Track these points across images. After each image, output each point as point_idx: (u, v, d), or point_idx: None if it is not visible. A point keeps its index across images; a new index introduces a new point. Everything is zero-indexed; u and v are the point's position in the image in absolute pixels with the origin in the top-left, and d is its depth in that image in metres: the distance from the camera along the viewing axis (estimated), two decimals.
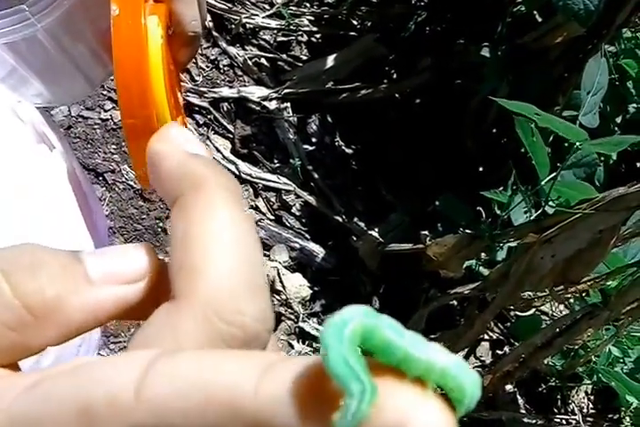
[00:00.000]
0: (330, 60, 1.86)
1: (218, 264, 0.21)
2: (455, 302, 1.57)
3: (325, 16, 1.94)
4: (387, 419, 0.17)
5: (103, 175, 1.51)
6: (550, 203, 1.17)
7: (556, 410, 1.52)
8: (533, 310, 1.53)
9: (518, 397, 1.51)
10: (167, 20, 0.55)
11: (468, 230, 1.28)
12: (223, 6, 1.86)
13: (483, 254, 1.46)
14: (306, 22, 1.94)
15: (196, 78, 1.73)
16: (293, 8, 1.95)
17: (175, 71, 0.61)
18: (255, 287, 0.21)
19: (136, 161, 0.52)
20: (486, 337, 1.58)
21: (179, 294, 0.21)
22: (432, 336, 1.34)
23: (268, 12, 1.95)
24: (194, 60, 1.74)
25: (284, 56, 1.89)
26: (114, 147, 1.53)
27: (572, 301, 1.31)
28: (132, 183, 1.52)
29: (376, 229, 1.59)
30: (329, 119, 1.79)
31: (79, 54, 0.61)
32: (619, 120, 1.68)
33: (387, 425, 0.17)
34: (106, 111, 1.55)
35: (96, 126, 1.54)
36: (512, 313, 1.59)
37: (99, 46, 0.58)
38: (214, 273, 0.21)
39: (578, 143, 0.96)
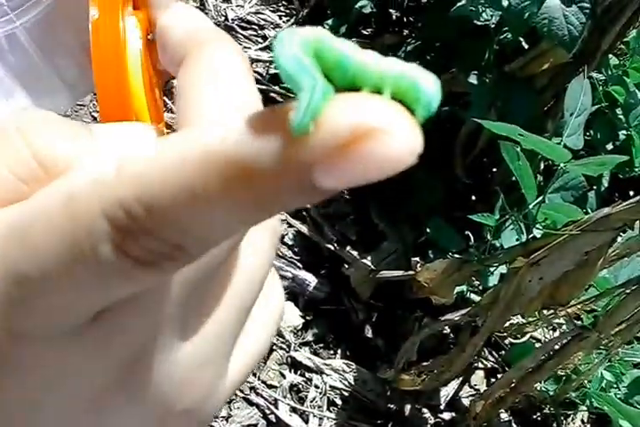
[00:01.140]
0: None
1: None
2: (448, 329, 1.56)
3: None
4: (345, 116, 0.17)
5: None
6: (538, 226, 1.17)
7: None
8: (527, 336, 1.52)
9: (514, 425, 1.49)
10: (146, 26, 0.56)
11: (457, 255, 1.27)
12: None
13: (475, 281, 1.46)
14: None
15: None
16: None
17: (158, 79, 0.62)
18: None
19: None
20: (480, 365, 1.56)
21: None
22: (424, 363, 1.33)
23: (260, 45, 1.98)
24: None
25: (277, 88, 1.91)
26: None
27: (563, 325, 1.30)
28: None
29: (368, 258, 1.59)
30: None
31: (62, 62, 0.62)
32: (609, 147, 1.69)
33: (344, 122, 0.16)
34: None
35: None
36: (506, 341, 1.57)
37: (83, 58, 0.59)
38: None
39: (562, 164, 0.97)
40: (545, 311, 1.07)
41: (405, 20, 1.95)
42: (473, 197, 1.77)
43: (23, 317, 0.19)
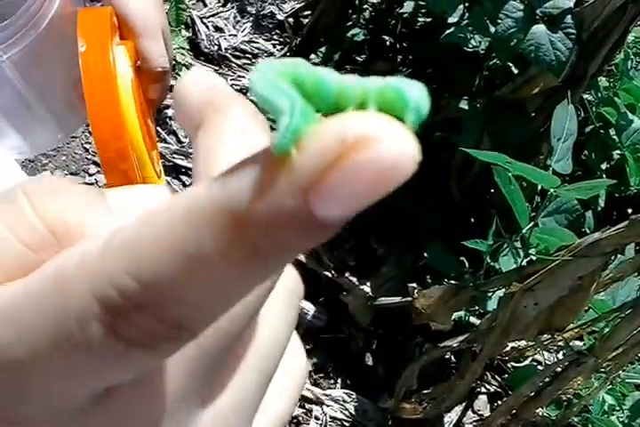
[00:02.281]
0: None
1: None
2: (449, 355, 1.55)
3: None
4: (330, 130, 0.16)
5: None
6: (534, 250, 1.17)
7: None
8: (529, 359, 1.51)
9: None
10: (134, 55, 0.57)
11: (454, 281, 1.27)
12: (209, 69, 1.89)
13: (474, 306, 1.46)
14: None
15: (183, 140, 1.75)
16: None
17: (148, 108, 0.62)
18: None
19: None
20: (483, 390, 1.56)
21: None
22: (425, 391, 1.32)
23: None
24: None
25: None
26: None
27: (562, 348, 1.29)
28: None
29: (367, 284, 1.59)
30: None
31: (51, 97, 0.62)
32: (604, 166, 1.69)
33: (331, 136, 0.15)
34: (90, 175, 1.56)
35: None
36: (508, 364, 1.56)
37: (72, 91, 0.59)
38: None
39: (552, 190, 0.97)
40: (543, 336, 1.07)
41: (398, 46, 1.97)
42: (472, 220, 1.77)
43: (18, 403, 0.18)
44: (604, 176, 1.67)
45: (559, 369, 1.04)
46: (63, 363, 0.17)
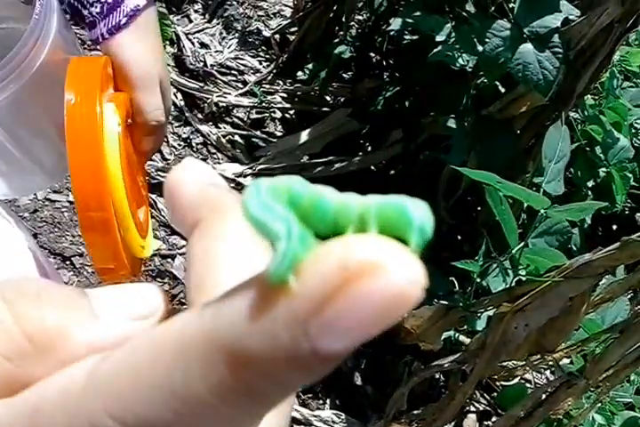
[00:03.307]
0: (304, 136, 1.88)
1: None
2: (440, 375, 1.54)
3: (298, 93, 1.97)
4: (329, 257, 0.15)
5: (71, 259, 1.49)
6: (524, 271, 1.17)
7: None
8: (518, 378, 1.50)
9: None
10: (127, 108, 0.55)
11: (443, 300, 1.27)
12: (194, 85, 1.89)
13: (463, 326, 1.45)
14: (279, 99, 1.97)
15: (168, 157, 1.74)
16: (266, 86, 1.99)
17: (138, 161, 0.60)
18: None
19: (93, 256, 0.51)
20: (473, 409, 1.55)
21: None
22: (415, 412, 1.31)
23: (240, 91, 1.99)
24: (165, 139, 1.76)
25: (258, 133, 1.91)
26: None
27: (552, 367, 1.29)
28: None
29: None
30: None
31: (36, 146, 0.60)
32: (590, 184, 1.70)
33: (330, 264, 0.15)
34: None
35: (64, 209, 1.54)
36: (498, 383, 1.56)
37: (56, 137, 0.57)
38: None
39: (542, 211, 0.97)
40: (532, 357, 1.06)
41: (385, 63, 1.97)
42: (459, 237, 1.77)
43: None
44: (591, 193, 1.68)
45: (550, 390, 1.03)
46: None
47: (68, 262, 1.50)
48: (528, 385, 1.49)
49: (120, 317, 0.20)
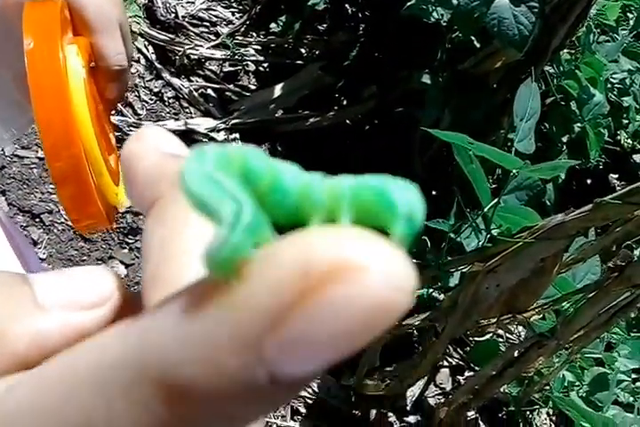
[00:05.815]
0: (277, 90, 1.85)
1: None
2: (413, 331, 1.55)
3: (272, 45, 1.93)
4: (288, 255, 0.11)
5: (40, 217, 1.47)
6: (497, 230, 1.16)
7: None
8: (490, 334, 1.52)
9: (480, 422, 1.50)
10: (89, 53, 0.53)
11: (416, 260, 1.27)
12: (165, 37, 1.84)
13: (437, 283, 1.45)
14: (252, 52, 1.93)
15: (140, 112, 1.71)
16: (239, 38, 1.95)
17: (104, 109, 0.58)
18: None
19: (67, 206, 0.49)
20: (445, 363, 1.57)
21: (149, 306, 0.17)
22: (388, 369, 1.32)
23: (212, 43, 1.94)
24: (136, 94, 1.72)
25: (232, 86, 1.88)
26: (52, 186, 1.49)
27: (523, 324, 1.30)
28: (71, 224, 1.49)
29: None
30: (279, 148, 1.78)
31: None
32: (565, 139, 1.69)
33: (289, 265, 0.11)
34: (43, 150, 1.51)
35: (32, 166, 1.51)
36: (471, 338, 1.57)
37: (17, 89, 0.55)
38: None
39: (514, 171, 0.96)
40: (503, 316, 1.07)
41: (360, 15, 1.93)
42: (433, 193, 1.76)
43: None
44: (565, 149, 1.67)
45: (521, 350, 1.04)
46: None
47: (37, 220, 1.48)
48: (500, 340, 1.51)
49: (66, 306, 0.17)
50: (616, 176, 1.94)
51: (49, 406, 0.13)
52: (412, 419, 1.43)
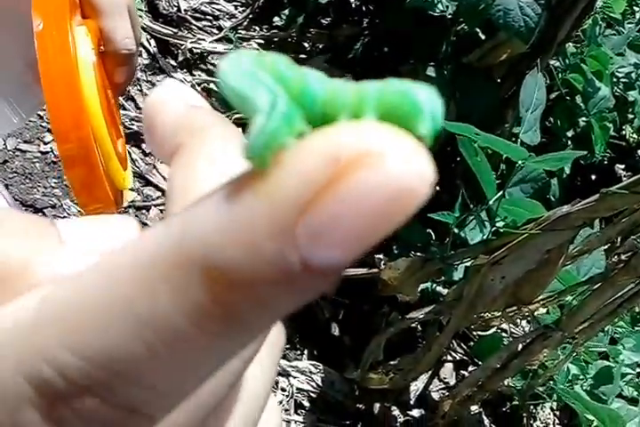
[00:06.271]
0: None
1: None
2: (417, 325, 1.55)
3: (275, 39, 1.93)
4: (318, 143, 0.12)
5: (43, 211, 1.46)
6: (501, 222, 1.16)
7: None
8: (494, 328, 1.51)
9: (484, 417, 1.49)
10: (98, 36, 0.53)
11: (421, 253, 1.26)
12: (168, 31, 1.84)
13: (440, 277, 1.45)
14: (255, 46, 1.93)
15: (141, 106, 1.70)
16: (242, 32, 1.94)
17: (112, 93, 0.58)
18: None
19: (76, 189, 0.49)
20: (449, 358, 1.56)
21: None
22: (392, 362, 1.32)
23: (215, 37, 1.94)
24: (138, 88, 1.72)
25: None
26: (54, 181, 1.48)
27: (529, 317, 1.29)
28: (79, 209, 1.48)
29: None
30: None
31: (1, 79, 0.58)
32: (570, 134, 1.69)
33: (319, 151, 0.12)
34: (45, 144, 1.51)
35: (35, 160, 1.50)
36: (474, 333, 1.57)
37: (26, 72, 0.55)
38: None
39: (520, 162, 0.95)
40: (508, 309, 1.06)
41: (364, 9, 1.92)
42: (438, 188, 1.76)
43: None
44: (570, 143, 1.67)
45: (525, 342, 1.04)
46: None
47: (40, 214, 1.47)
48: (504, 335, 1.51)
49: (89, 250, 0.17)
50: (622, 167, 1.93)
51: (97, 290, 0.13)
52: (415, 413, 1.42)
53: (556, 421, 1.52)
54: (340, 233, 0.12)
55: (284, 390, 1.38)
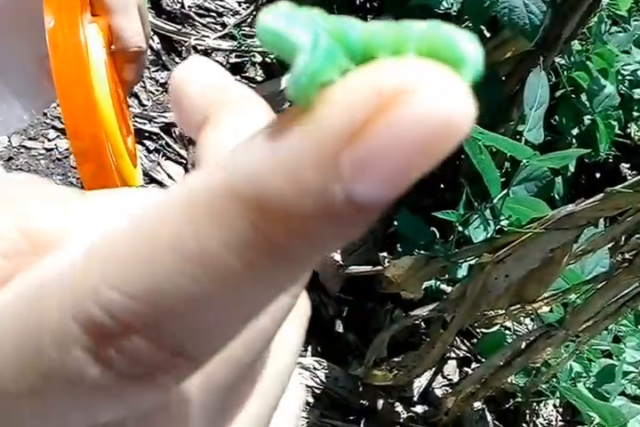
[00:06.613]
0: (284, 81, 1.84)
1: None
2: (421, 322, 1.55)
3: None
4: (361, 78, 0.13)
5: None
6: (506, 221, 1.16)
7: (525, 425, 1.50)
8: (498, 326, 1.52)
9: (487, 413, 1.49)
10: (108, 34, 0.53)
11: (425, 251, 1.26)
12: (172, 28, 1.84)
13: (444, 275, 1.45)
14: (259, 43, 1.93)
15: (145, 103, 1.70)
16: (246, 28, 1.94)
17: (122, 90, 0.58)
18: None
19: (87, 184, 0.49)
20: (453, 355, 1.56)
21: None
22: (396, 359, 1.32)
23: (219, 34, 1.94)
24: (142, 85, 1.72)
25: (238, 77, 1.87)
26: (59, 178, 1.49)
27: (532, 315, 1.30)
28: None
29: (337, 251, 1.57)
30: None
31: (12, 73, 0.58)
32: (575, 132, 1.68)
33: (362, 85, 0.12)
34: (50, 140, 1.51)
35: (40, 157, 1.50)
36: (478, 330, 1.57)
37: (37, 69, 0.55)
38: None
39: (525, 160, 0.95)
40: (512, 307, 1.06)
41: (369, 5, 1.92)
42: (441, 185, 1.76)
43: None
44: (575, 141, 1.66)
45: (529, 340, 1.04)
46: (40, 399, 0.14)
47: None
48: (508, 333, 1.51)
49: (121, 218, 0.17)
50: (628, 166, 1.93)
51: (141, 228, 0.14)
52: (419, 409, 1.42)
53: (559, 418, 1.52)
54: (382, 166, 0.12)
55: None
